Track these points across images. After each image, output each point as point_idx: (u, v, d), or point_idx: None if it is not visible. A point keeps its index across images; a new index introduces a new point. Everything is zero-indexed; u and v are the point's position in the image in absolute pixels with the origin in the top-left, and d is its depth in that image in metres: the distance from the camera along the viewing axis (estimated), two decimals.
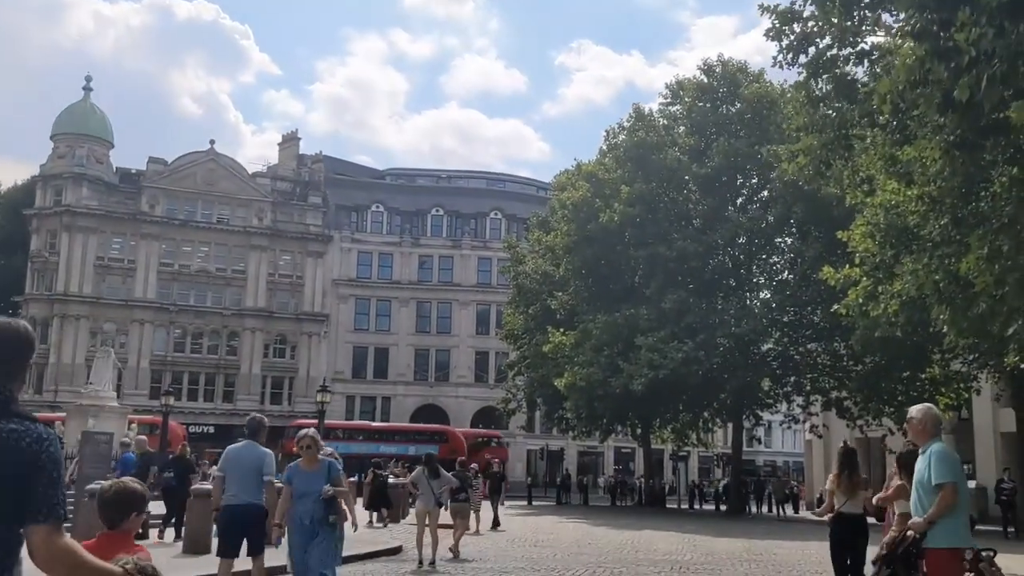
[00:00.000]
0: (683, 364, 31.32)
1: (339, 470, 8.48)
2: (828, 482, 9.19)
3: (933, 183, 13.16)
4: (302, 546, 8.07)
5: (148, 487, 16.97)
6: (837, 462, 9.05)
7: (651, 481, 46.43)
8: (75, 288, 62.02)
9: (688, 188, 36.45)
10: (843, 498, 8.66)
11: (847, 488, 8.68)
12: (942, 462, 5.82)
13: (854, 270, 17.76)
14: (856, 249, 17.36)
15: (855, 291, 17.24)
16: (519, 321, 45.37)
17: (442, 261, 70.56)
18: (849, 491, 8.66)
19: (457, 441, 53.24)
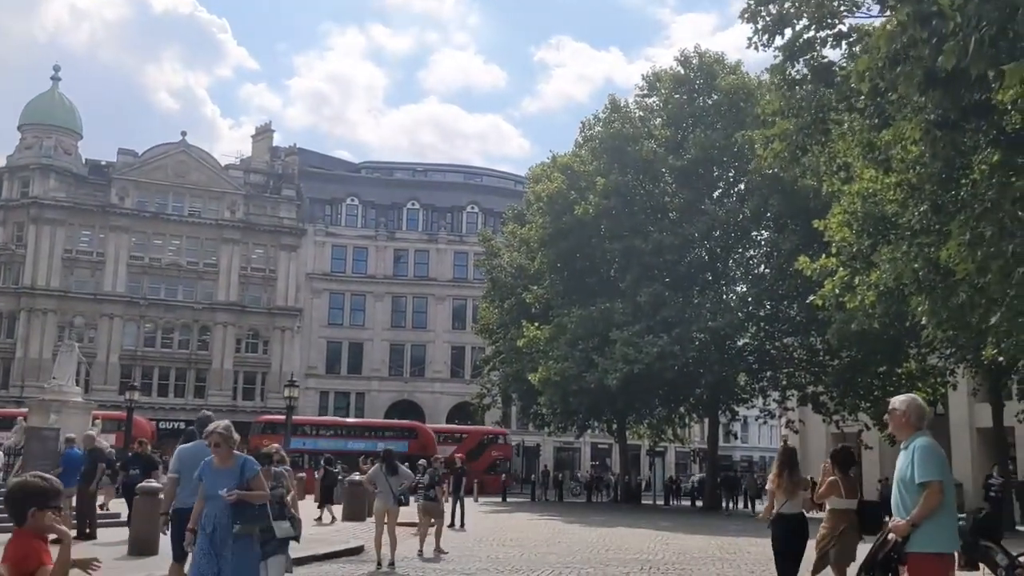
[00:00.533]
0: (658, 359, 30.86)
1: (255, 470, 7.36)
2: (769, 482, 9.05)
3: (912, 170, 12.73)
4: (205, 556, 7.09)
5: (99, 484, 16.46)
6: (777, 462, 8.94)
7: (627, 477, 45.97)
8: (42, 282, 60.78)
9: (664, 180, 35.97)
10: (783, 498, 8.58)
11: (787, 488, 8.58)
12: (927, 458, 5.27)
13: (830, 260, 17.32)
14: (832, 239, 16.91)
15: (831, 282, 16.79)
16: (494, 315, 44.79)
17: (418, 255, 69.79)
18: (789, 491, 8.55)
19: (427, 437, 52.66)
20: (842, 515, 8.50)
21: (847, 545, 8.54)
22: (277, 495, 7.87)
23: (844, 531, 8.48)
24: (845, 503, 8.51)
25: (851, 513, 8.43)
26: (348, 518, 22.24)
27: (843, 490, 8.59)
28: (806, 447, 49.46)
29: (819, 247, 31.86)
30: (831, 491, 8.43)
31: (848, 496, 8.62)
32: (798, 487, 8.66)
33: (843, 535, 8.49)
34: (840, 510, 8.49)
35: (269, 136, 75.07)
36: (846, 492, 8.61)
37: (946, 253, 10.96)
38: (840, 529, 8.50)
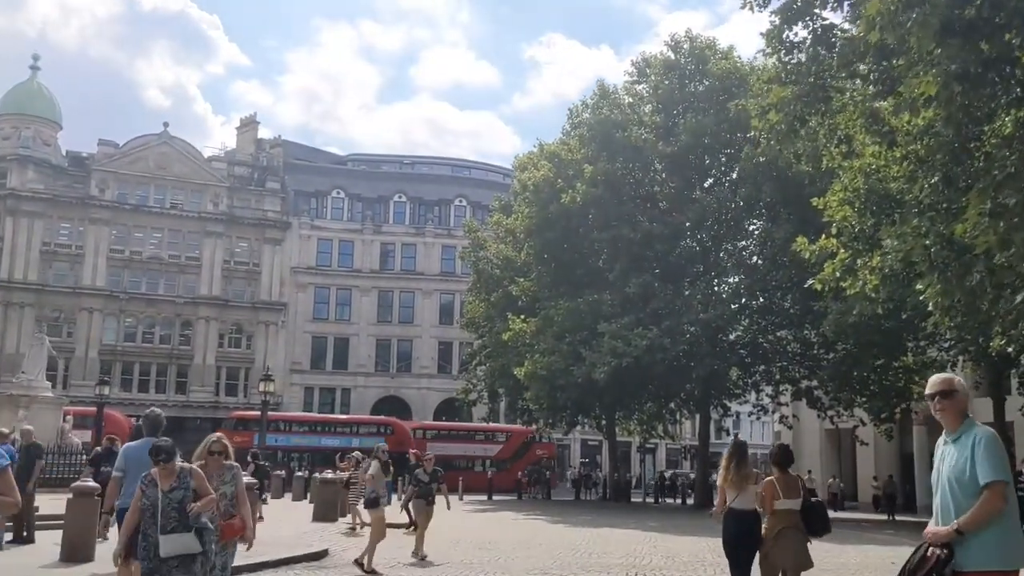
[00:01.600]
0: (648, 352, 29.75)
1: None
2: (719, 477, 8.79)
3: (919, 141, 11.61)
4: None
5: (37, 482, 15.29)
6: (726, 455, 8.68)
7: (616, 474, 44.89)
8: (20, 275, 59.40)
9: (654, 168, 34.83)
10: (733, 493, 8.29)
11: (736, 482, 8.29)
12: (994, 454, 4.09)
13: (831, 241, 16.14)
14: (833, 218, 15.78)
15: (831, 264, 15.65)
16: (480, 309, 43.64)
17: (405, 249, 68.58)
18: (738, 486, 8.27)
19: (403, 433, 51.74)
20: (782, 516, 8.04)
21: (787, 548, 8.00)
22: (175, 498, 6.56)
23: (783, 532, 8.01)
24: (784, 503, 8.04)
25: (793, 514, 8.06)
26: (319, 519, 21.00)
27: (780, 489, 8.06)
28: (800, 443, 48.46)
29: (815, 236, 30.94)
30: (769, 491, 8.02)
31: (787, 495, 8.08)
32: (747, 481, 8.29)
33: (781, 536, 8.00)
34: (781, 511, 8.04)
35: (254, 128, 73.82)
36: (784, 491, 8.07)
37: (962, 227, 9.88)
38: (777, 530, 8.04)
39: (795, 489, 8.12)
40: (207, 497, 6.72)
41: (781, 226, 29.35)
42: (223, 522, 7.08)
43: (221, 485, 7.22)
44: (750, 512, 8.26)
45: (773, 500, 7.97)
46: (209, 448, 7.52)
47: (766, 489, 8.02)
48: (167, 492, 6.57)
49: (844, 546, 18.01)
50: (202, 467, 7.14)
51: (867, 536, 22.39)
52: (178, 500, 6.56)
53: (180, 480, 6.69)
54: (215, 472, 7.28)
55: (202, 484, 6.78)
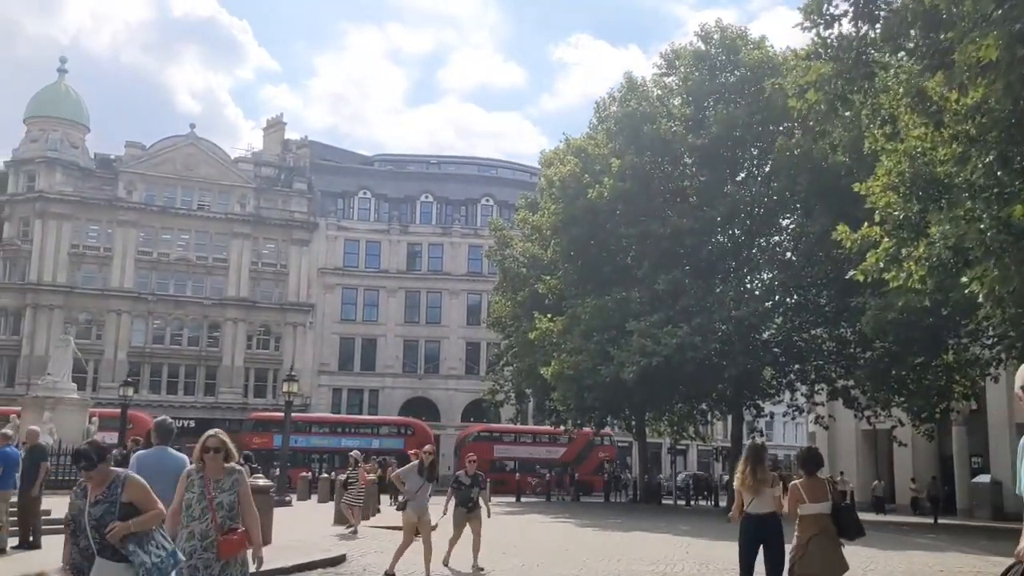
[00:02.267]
0: (678, 350, 28.89)
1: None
2: (736, 480, 8.61)
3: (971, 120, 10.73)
4: None
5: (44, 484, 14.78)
6: (743, 458, 8.57)
7: (646, 476, 44.01)
8: (48, 277, 59.64)
9: (684, 161, 33.93)
10: (750, 497, 8.19)
11: (752, 486, 8.18)
12: None
13: (874, 230, 15.23)
14: (875, 205, 14.88)
15: (875, 254, 14.75)
16: (506, 308, 42.96)
17: (431, 249, 68.09)
18: (754, 489, 8.16)
19: (424, 434, 51.34)
20: (810, 521, 7.72)
21: (817, 555, 7.64)
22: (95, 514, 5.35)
23: (813, 539, 7.66)
24: (811, 508, 7.73)
25: (823, 518, 7.72)
26: (340, 522, 20.41)
27: (805, 494, 7.78)
28: (835, 444, 47.36)
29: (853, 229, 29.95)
30: (793, 496, 7.79)
31: (813, 499, 7.78)
32: (763, 484, 8.16)
33: (812, 543, 7.65)
34: (808, 516, 7.74)
35: (281, 129, 73.71)
36: (810, 495, 7.78)
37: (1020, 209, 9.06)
38: (808, 537, 7.69)
39: (822, 493, 7.81)
40: (147, 514, 5.42)
41: (817, 219, 28.35)
42: (221, 537, 5.97)
43: (218, 493, 6.06)
44: (768, 515, 8.09)
45: (798, 505, 7.70)
46: (204, 445, 6.21)
47: (791, 494, 7.79)
48: (91, 505, 5.38)
49: (888, 552, 17.17)
50: (200, 469, 6.13)
51: (910, 541, 21.44)
52: (97, 516, 5.34)
53: (108, 491, 5.42)
54: (212, 476, 6.11)
55: (142, 497, 5.48)
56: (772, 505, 8.13)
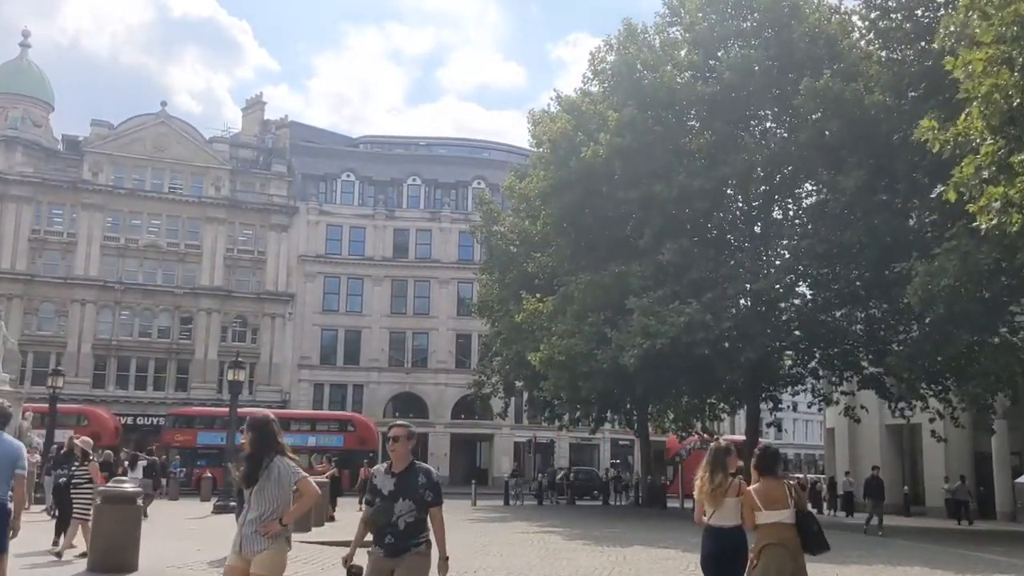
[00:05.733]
0: (686, 330, 24.66)
1: None
2: (695, 488, 7.50)
3: None
4: None
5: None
6: (704, 462, 7.48)
7: (649, 477, 39.82)
8: (7, 264, 55.63)
9: (690, 113, 29.70)
10: (710, 507, 7.21)
11: (709, 495, 7.21)
12: None
13: (975, 124, 10.92)
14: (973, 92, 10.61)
15: (972, 160, 10.51)
16: (493, 291, 38.82)
17: (419, 235, 63.92)
18: (714, 499, 7.18)
19: (366, 429, 47.47)
20: (765, 530, 7.01)
21: (770, 568, 6.90)
22: None
23: (765, 550, 6.94)
24: (768, 516, 6.97)
25: (780, 528, 6.97)
26: None
27: (760, 500, 7.00)
28: (856, 441, 43.14)
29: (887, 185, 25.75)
30: (747, 503, 7.08)
31: (770, 506, 6.99)
32: (721, 493, 7.18)
33: (764, 555, 6.94)
34: (764, 525, 7.01)
35: (260, 108, 69.61)
36: (765, 502, 7.00)
37: None
38: (760, 547, 6.97)
39: (779, 499, 7.08)
40: None
41: (849, 174, 24.11)
42: None
43: None
44: (730, 529, 7.23)
45: (753, 513, 7.05)
46: None
47: (745, 500, 7.14)
48: None
49: (910, 568, 13.40)
50: None
51: (938, 551, 17.54)
52: None
53: None
54: None
55: None
56: (735, 517, 7.21)
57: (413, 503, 5.97)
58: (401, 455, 6.14)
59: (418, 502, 5.97)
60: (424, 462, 6.53)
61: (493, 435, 61.99)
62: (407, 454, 6.15)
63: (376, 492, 6.12)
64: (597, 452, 64.80)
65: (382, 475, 6.19)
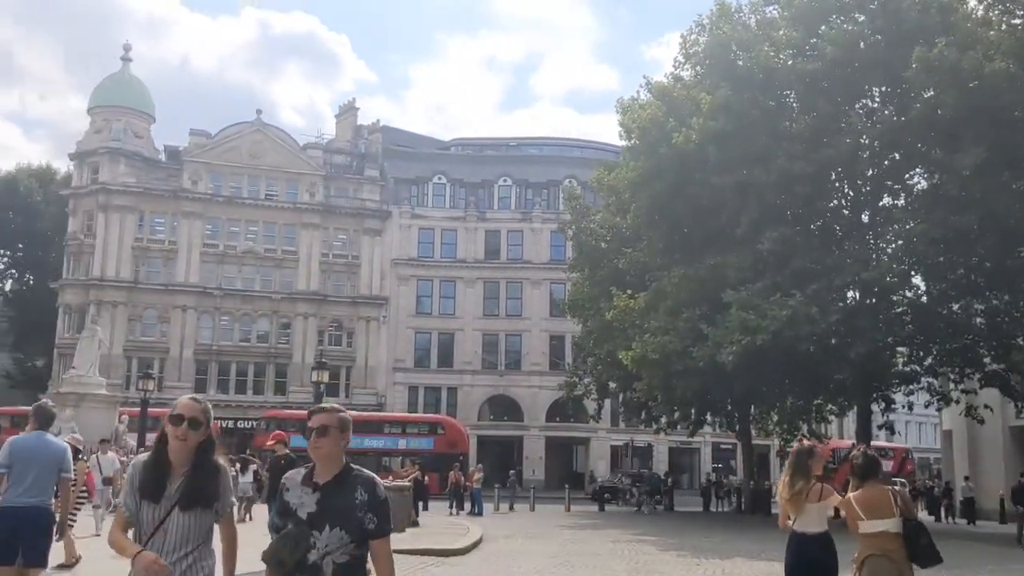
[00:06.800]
0: (789, 325, 22.95)
1: None
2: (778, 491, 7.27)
3: None
4: None
5: None
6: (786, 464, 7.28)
7: (752, 482, 37.85)
8: (112, 272, 57.21)
9: (789, 93, 27.82)
10: (793, 513, 6.96)
11: (791, 500, 6.93)
12: None
13: None
14: None
15: None
16: (584, 289, 37.55)
17: (511, 236, 63.10)
18: (796, 505, 6.90)
19: (456, 432, 46.76)
20: (868, 541, 6.41)
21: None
22: None
23: (869, 561, 6.36)
24: (871, 525, 6.37)
25: (885, 538, 6.33)
26: None
27: (861, 508, 6.39)
28: (975, 445, 40.18)
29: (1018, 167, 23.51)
30: (848, 513, 6.53)
31: (873, 515, 6.37)
32: (804, 498, 6.82)
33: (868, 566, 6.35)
34: (867, 535, 6.41)
35: (353, 114, 70.13)
36: (867, 510, 6.38)
37: None
38: (863, 558, 6.39)
39: (883, 507, 6.40)
40: None
41: (967, 152, 22.00)
42: None
43: None
44: (815, 535, 6.85)
45: (856, 523, 6.44)
46: None
47: (846, 509, 6.57)
48: None
49: None
50: None
51: None
52: None
53: None
54: None
55: None
56: (819, 523, 6.89)
57: (347, 533, 3.76)
58: (329, 455, 3.89)
59: (355, 531, 3.78)
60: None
61: (589, 438, 60.63)
62: (339, 454, 3.93)
63: (288, 513, 3.85)
64: (698, 456, 62.79)
65: (298, 487, 3.89)
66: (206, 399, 10.61)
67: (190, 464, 4.06)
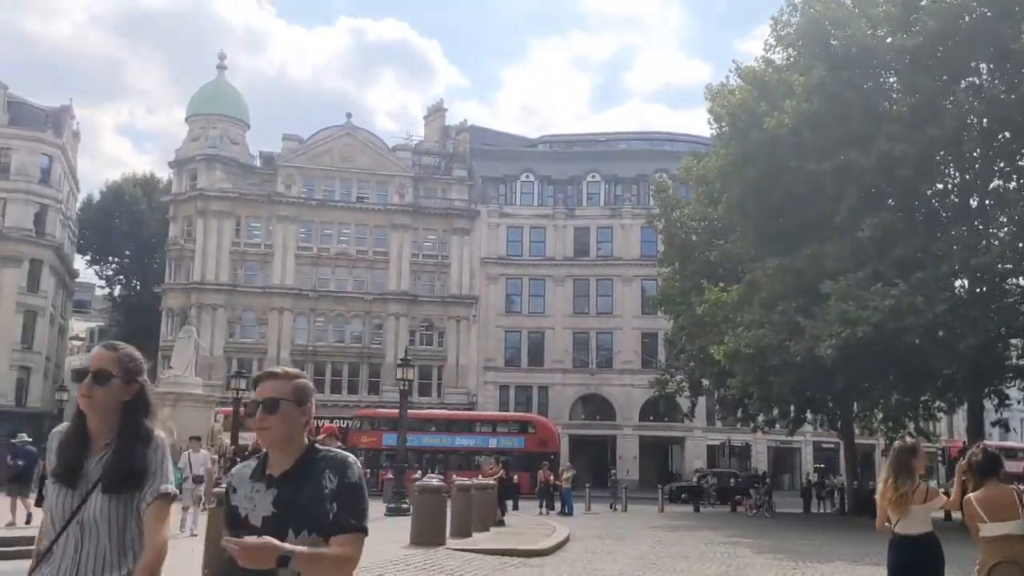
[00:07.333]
0: (892, 315, 21.67)
1: None
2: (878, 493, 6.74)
3: None
4: None
5: None
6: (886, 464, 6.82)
7: (856, 482, 36.20)
8: (211, 276, 58.71)
9: (889, 72, 26.35)
10: (895, 516, 6.46)
11: (894, 502, 6.42)
12: None
13: None
14: None
15: None
16: (674, 283, 36.56)
17: (600, 233, 62.27)
18: (899, 507, 6.41)
19: (547, 431, 46.13)
20: (992, 546, 5.84)
21: None
22: None
23: (996, 569, 5.80)
24: (994, 528, 5.84)
25: (1012, 541, 5.77)
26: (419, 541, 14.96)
27: (983, 510, 5.88)
28: None
29: None
30: (969, 514, 6.01)
31: (996, 516, 5.86)
32: (906, 500, 6.35)
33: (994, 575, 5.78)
34: (990, 539, 5.86)
35: (441, 115, 70.42)
36: (990, 511, 5.87)
37: None
38: (991, 566, 5.82)
39: (1007, 507, 5.87)
40: None
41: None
42: None
43: None
44: (919, 537, 6.45)
45: (977, 524, 5.92)
46: None
47: (967, 511, 6.08)
48: None
49: None
50: None
51: None
52: None
53: None
54: None
55: None
56: (924, 524, 6.44)
57: (319, 535, 2.83)
58: (282, 438, 2.92)
59: (322, 530, 2.83)
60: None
61: (684, 438, 59.37)
62: (297, 435, 2.95)
63: (238, 524, 2.89)
64: (798, 456, 60.79)
65: (247, 484, 2.96)
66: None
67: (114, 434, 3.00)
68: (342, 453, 2.98)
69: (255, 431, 2.99)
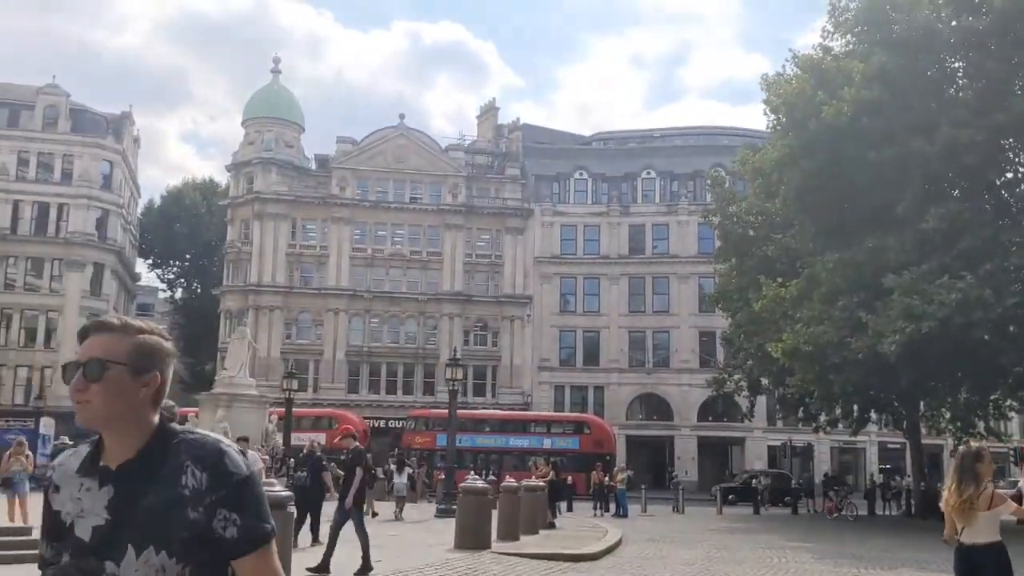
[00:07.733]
0: (959, 310, 20.70)
1: None
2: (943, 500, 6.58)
3: None
4: None
5: None
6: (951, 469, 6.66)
7: (923, 484, 34.90)
8: (268, 278, 59.29)
9: (953, 56, 25.26)
10: (960, 523, 6.32)
11: (959, 509, 6.27)
12: None
13: None
14: None
15: None
16: (731, 279, 35.69)
17: (656, 230, 61.30)
18: (964, 513, 6.23)
19: (602, 431, 45.70)
20: None
21: None
22: None
23: None
24: None
25: None
26: (464, 545, 14.58)
27: None
28: None
29: None
30: None
31: None
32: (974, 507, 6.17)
33: None
34: None
35: (493, 114, 70.22)
36: None
37: None
38: None
39: None
40: None
41: None
42: None
43: None
44: (984, 546, 6.23)
45: None
46: None
47: None
48: None
49: None
50: None
51: None
52: None
53: None
54: None
55: None
56: (990, 532, 6.22)
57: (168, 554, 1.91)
58: (104, 415, 1.99)
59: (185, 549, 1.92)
60: None
61: (744, 438, 58.19)
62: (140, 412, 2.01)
63: (59, 533, 2.01)
64: (863, 456, 59.17)
65: (74, 481, 2.02)
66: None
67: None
68: (210, 436, 2.06)
69: (76, 407, 2.00)
